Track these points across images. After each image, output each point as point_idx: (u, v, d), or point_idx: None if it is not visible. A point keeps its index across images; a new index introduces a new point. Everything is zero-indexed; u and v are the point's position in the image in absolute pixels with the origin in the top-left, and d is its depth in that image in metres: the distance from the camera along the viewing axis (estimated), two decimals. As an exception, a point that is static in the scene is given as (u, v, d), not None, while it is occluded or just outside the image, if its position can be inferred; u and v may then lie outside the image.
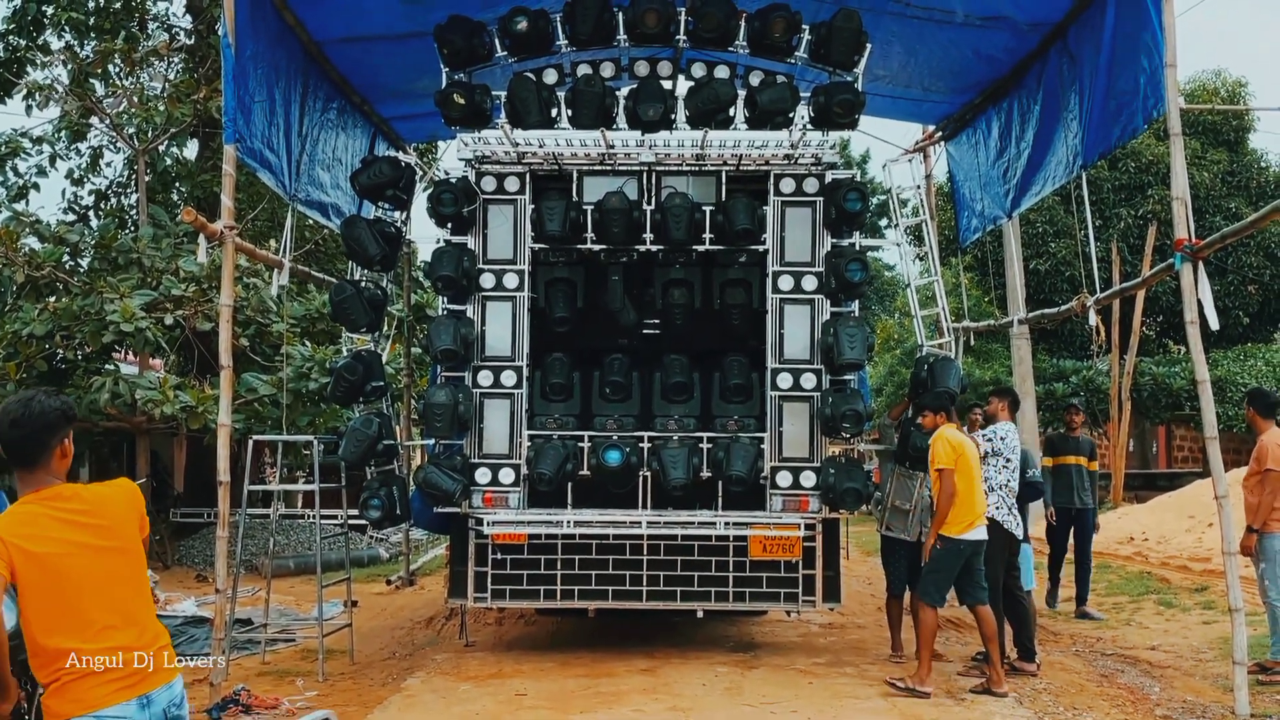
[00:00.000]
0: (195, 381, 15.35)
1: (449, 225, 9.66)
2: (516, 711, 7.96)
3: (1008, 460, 9.01)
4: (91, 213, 20.18)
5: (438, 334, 9.27)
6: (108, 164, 20.05)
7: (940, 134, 13.95)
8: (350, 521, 15.37)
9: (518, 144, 9.68)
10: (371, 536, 18.11)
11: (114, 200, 20.27)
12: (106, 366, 16.10)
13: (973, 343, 22.34)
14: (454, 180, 9.58)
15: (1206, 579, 13.48)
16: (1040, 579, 11.27)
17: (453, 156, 9.95)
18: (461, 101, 9.45)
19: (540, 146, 9.86)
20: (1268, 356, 23.82)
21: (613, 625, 10.71)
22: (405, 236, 10.13)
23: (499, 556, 9.51)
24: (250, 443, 10.50)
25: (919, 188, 9.96)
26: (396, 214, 10.20)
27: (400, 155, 11.01)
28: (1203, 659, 9.64)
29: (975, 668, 9.08)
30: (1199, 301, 7.99)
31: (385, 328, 11.96)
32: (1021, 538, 9.16)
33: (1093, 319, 9.89)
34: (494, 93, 9.86)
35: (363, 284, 9.90)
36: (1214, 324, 7.99)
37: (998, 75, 11.57)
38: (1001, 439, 9.06)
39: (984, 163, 12.59)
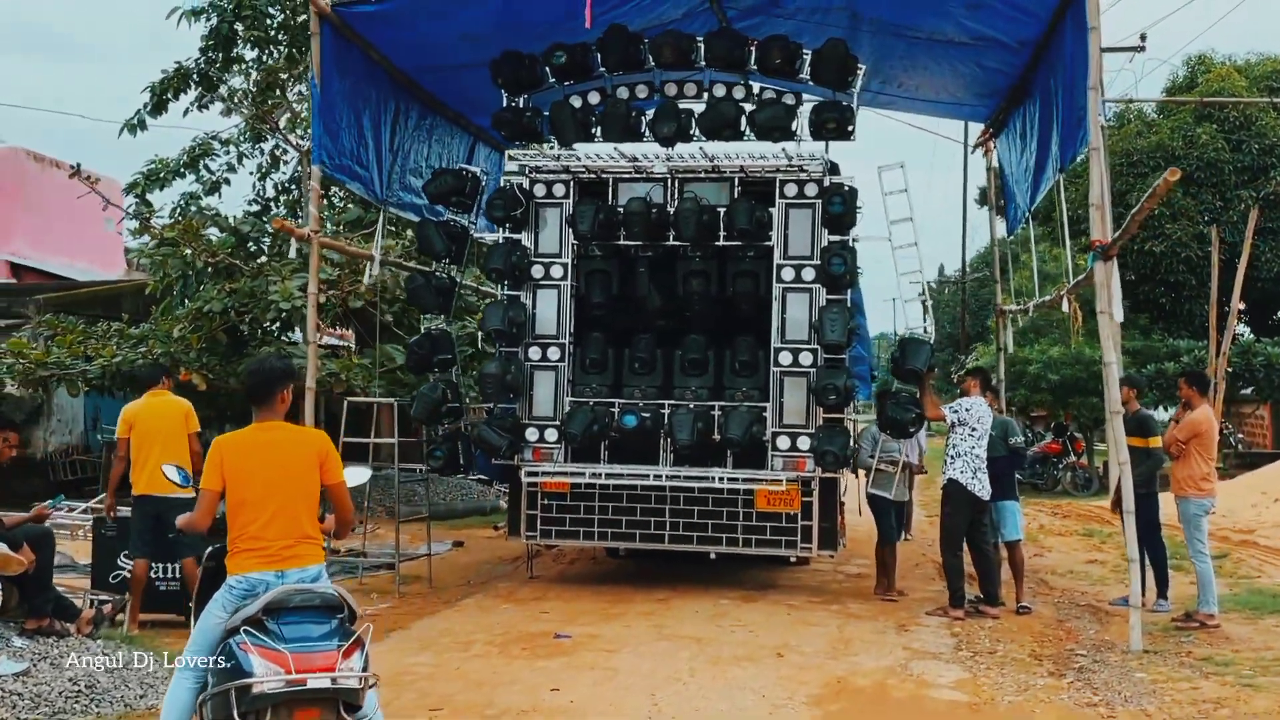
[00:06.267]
0: (344, 352, 17.79)
1: (505, 225, 11.60)
2: (532, 623, 9.86)
3: (973, 429, 10.36)
4: (273, 203, 23.10)
5: (489, 316, 11.27)
6: (285, 161, 22.86)
7: (991, 132, 15.06)
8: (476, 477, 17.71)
9: (559, 157, 11.53)
10: (498, 491, 20.36)
11: (291, 193, 23.12)
12: (281, 338, 18.72)
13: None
14: (505, 188, 11.51)
15: (1236, 547, 14.28)
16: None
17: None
18: (511, 121, 11.38)
19: (581, 159, 11.68)
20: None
21: (659, 568, 12.41)
22: (471, 234, 12.05)
23: (546, 502, 11.39)
24: (387, 406, 12.69)
25: (902, 192, 11.24)
26: (463, 216, 12.15)
27: (465, 166, 12.91)
28: (1160, 611, 10.67)
29: (940, 609, 10.49)
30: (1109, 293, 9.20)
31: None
32: (986, 498, 10.47)
33: (1066, 306, 11.05)
34: (544, 113, 11.72)
35: (435, 274, 11.94)
36: (1119, 316, 9.19)
37: (1011, 84, 12.67)
38: (967, 410, 10.42)
39: (1014, 162, 13.67)
